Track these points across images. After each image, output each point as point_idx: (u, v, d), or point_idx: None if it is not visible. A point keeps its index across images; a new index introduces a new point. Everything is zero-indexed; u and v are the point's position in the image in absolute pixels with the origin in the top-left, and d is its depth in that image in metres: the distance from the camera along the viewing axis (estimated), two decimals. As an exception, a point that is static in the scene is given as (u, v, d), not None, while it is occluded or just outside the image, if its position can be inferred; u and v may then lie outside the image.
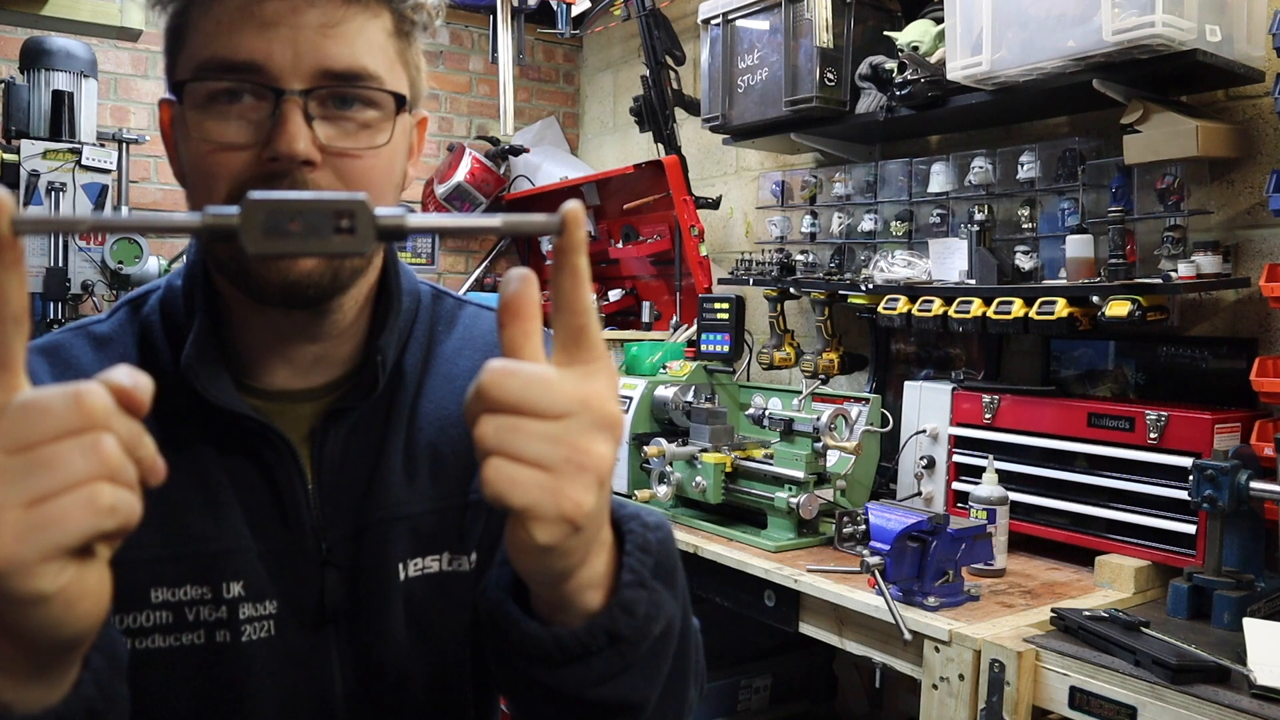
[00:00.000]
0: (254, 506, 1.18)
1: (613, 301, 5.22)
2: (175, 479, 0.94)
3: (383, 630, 1.22)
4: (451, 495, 1.27)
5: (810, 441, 2.95)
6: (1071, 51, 2.70)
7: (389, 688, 1.23)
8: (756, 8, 3.78)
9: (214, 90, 1.09)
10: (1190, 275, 2.69)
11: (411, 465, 1.26)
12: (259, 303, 1.15)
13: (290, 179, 1.07)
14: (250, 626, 1.15)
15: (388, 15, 1.15)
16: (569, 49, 6.38)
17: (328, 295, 1.14)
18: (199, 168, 1.11)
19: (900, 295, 3.29)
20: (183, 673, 1.13)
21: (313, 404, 1.23)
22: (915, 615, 2.36)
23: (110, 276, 4.17)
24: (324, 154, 1.10)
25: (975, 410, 3.06)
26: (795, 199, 3.97)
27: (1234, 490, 2.26)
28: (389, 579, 1.22)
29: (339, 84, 1.10)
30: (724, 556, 2.93)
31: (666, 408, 3.58)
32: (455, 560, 1.27)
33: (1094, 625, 2.14)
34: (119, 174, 4.69)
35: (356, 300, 1.22)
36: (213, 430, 1.17)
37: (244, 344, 1.20)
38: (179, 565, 1.13)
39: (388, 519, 1.23)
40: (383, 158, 1.15)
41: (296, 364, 1.22)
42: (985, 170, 3.19)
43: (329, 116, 1.11)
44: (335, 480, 1.22)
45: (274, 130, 1.07)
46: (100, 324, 1.26)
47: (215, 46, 1.08)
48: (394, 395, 1.27)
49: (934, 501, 3.17)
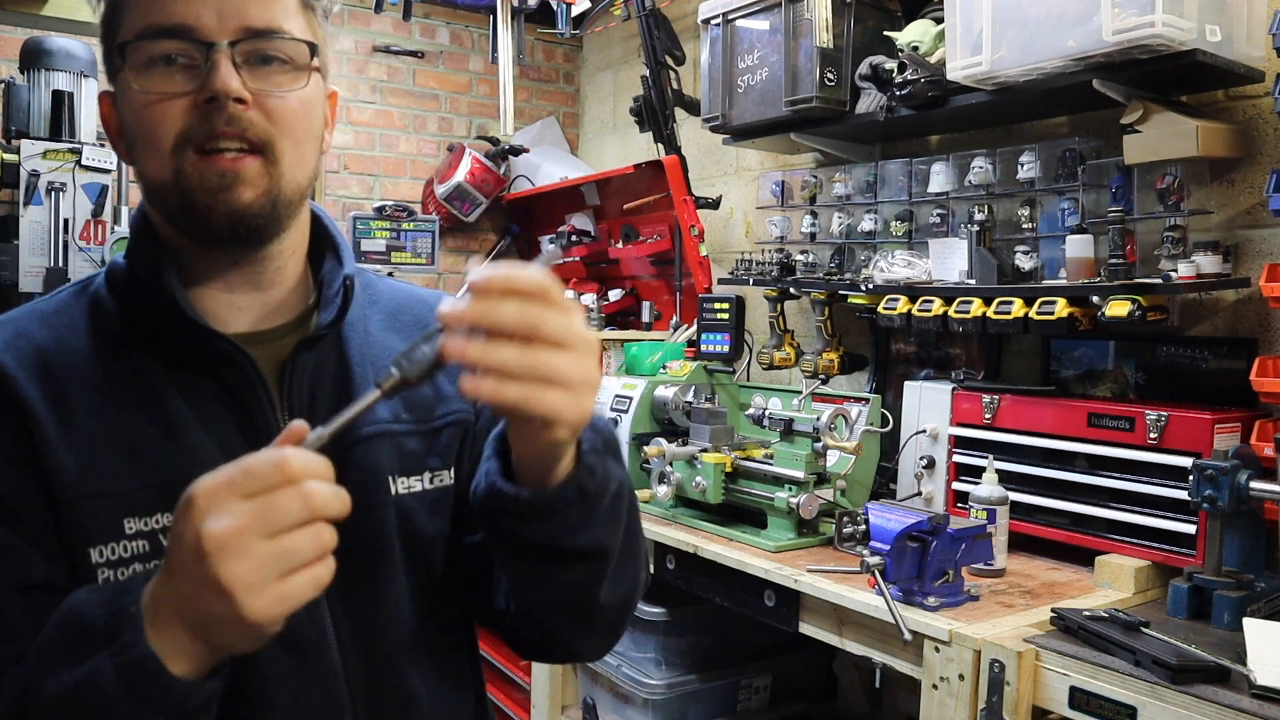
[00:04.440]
0: (223, 433, 1.29)
1: (613, 301, 5.22)
2: (137, 416, 1.25)
3: (374, 542, 1.35)
4: (423, 420, 1.44)
5: (810, 441, 2.94)
6: (1071, 51, 2.70)
7: (380, 600, 1.35)
8: (756, 8, 3.78)
9: (153, 54, 1.23)
10: (1190, 275, 2.69)
11: None
12: (208, 245, 1.31)
13: (225, 115, 1.22)
14: None
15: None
16: (569, 49, 6.39)
17: (267, 229, 1.31)
18: (144, 122, 1.25)
19: (900, 295, 3.29)
20: None
21: (268, 345, 1.37)
22: (915, 615, 2.35)
23: (110, 276, 4.17)
24: (255, 97, 1.25)
25: (975, 410, 3.06)
26: (795, 199, 3.97)
27: (1234, 490, 2.26)
28: (380, 490, 1.37)
29: (260, 38, 1.26)
30: (724, 556, 2.93)
31: (666, 408, 3.58)
32: (436, 476, 1.43)
33: (1094, 625, 2.14)
34: (119, 174, 4.69)
35: (294, 249, 1.41)
36: (174, 366, 1.30)
37: (196, 292, 1.34)
38: (148, 494, 1.23)
39: (371, 435, 1.38)
40: (304, 100, 1.31)
41: (245, 310, 1.37)
42: (985, 170, 3.19)
43: (254, 70, 1.26)
44: (307, 405, 1.35)
45: (208, 76, 1.22)
46: (46, 302, 1.38)
47: (150, 16, 1.23)
48: (346, 335, 1.43)
49: (934, 501, 3.17)
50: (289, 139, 1.29)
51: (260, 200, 1.27)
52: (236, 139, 1.24)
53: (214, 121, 1.22)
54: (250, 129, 1.25)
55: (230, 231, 1.27)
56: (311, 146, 1.35)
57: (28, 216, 4.02)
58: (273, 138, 1.27)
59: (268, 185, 1.27)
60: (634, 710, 3.50)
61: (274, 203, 1.28)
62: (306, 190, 1.37)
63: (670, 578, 3.20)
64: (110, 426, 1.24)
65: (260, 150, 1.26)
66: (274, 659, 1.25)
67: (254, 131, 1.25)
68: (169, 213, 1.30)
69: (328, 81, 1.42)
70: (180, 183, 1.24)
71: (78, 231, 4.10)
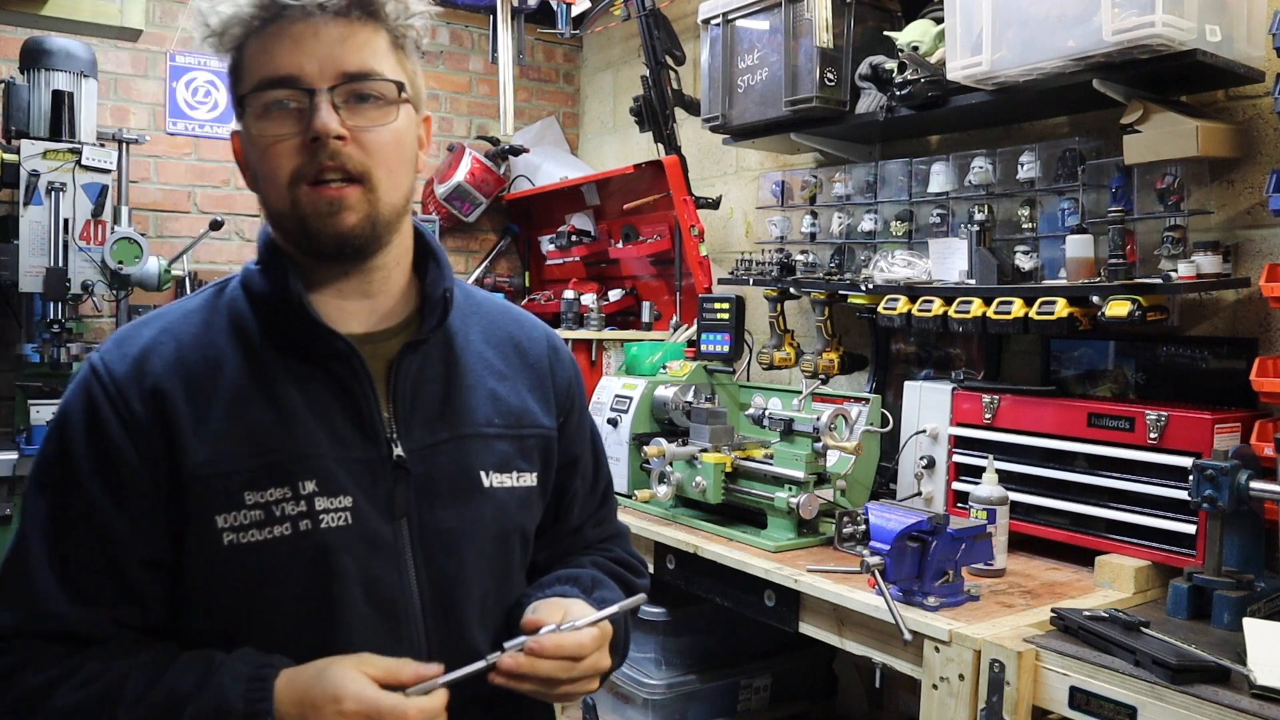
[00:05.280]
0: (333, 422, 1.53)
1: (613, 301, 5.22)
2: (259, 406, 1.50)
3: (462, 524, 1.60)
4: (512, 428, 1.69)
5: (810, 441, 2.94)
6: (1071, 51, 2.70)
7: (461, 571, 1.59)
8: (756, 8, 3.78)
9: (267, 102, 1.47)
10: (1190, 275, 2.69)
11: (477, 399, 1.67)
12: (320, 259, 1.54)
13: (328, 151, 1.45)
14: (327, 516, 1.48)
15: (385, 32, 1.53)
16: (569, 49, 6.38)
17: (370, 245, 1.54)
18: (264, 160, 1.49)
19: (900, 295, 3.29)
20: (278, 557, 1.46)
21: (376, 346, 1.60)
22: (915, 615, 2.36)
23: (110, 276, 4.17)
24: (352, 134, 1.47)
25: (975, 410, 3.06)
26: (795, 199, 3.97)
27: (1234, 490, 2.26)
28: (476, 484, 1.62)
29: (354, 81, 1.48)
30: (724, 556, 2.93)
31: (666, 408, 3.58)
32: (523, 476, 1.69)
33: (1094, 625, 2.14)
34: (119, 174, 4.69)
35: (398, 262, 1.64)
36: (295, 361, 1.54)
37: (316, 300, 1.57)
38: (263, 473, 1.47)
39: (467, 435, 1.63)
40: (394, 133, 1.53)
41: (355, 315, 1.61)
42: (985, 170, 3.19)
43: (351, 108, 1.49)
44: (410, 402, 1.60)
45: (311, 118, 1.45)
46: (191, 300, 1.64)
47: (264, 70, 1.47)
48: (449, 343, 1.68)
49: (934, 501, 3.17)
50: (383, 168, 1.51)
51: (362, 222, 1.50)
52: (338, 171, 1.47)
53: (319, 158, 1.46)
54: (349, 162, 1.47)
55: (337, 250, 1.52)
56: (405, 171, 1.57)
57: (28, 216, 4.01)
58: (369, 168, 1.49)
59: (368, 209, 1.50)
60: (634, 710, 3.50)
61: (373, 224, 1.52)
62: (403, 210, 1.59)
63: (670, 578, 3.20)
64: (236, 417, 1.49)
65: (359, 179, 1.48)
66: (363, 615, 1.50)
67: (352, 164, 1.48)
68: (288, 235, 1.55)
69: (421, 109, 1.63)
70: (296, 211, 1.49)
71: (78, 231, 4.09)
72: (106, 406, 1.47)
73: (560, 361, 1.84)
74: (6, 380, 4.55)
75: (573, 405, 1.84)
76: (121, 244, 4.15)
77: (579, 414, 1.86)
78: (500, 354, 1.75)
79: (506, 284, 6.07)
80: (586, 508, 1.89)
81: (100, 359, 1.53)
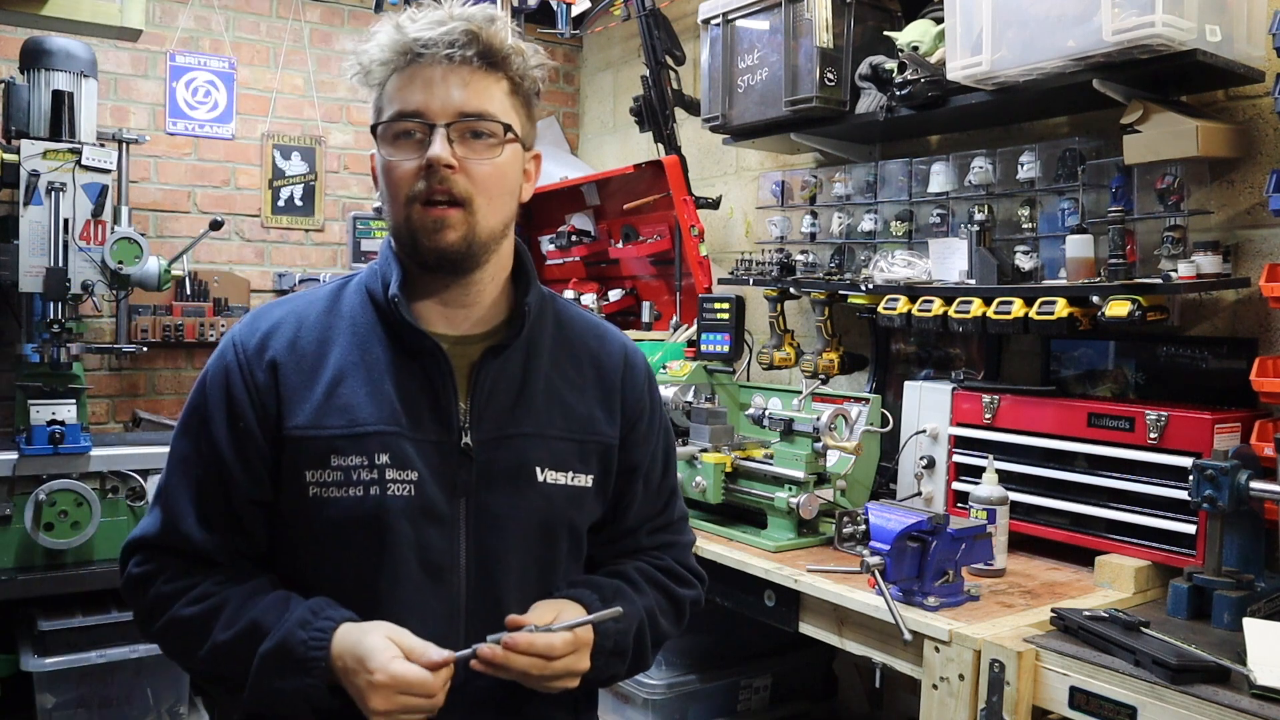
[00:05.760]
0: (416, 407, 1.77)
1: (613, 301, 5.21)
2: (355, 385, 1.75)
3: (513, 510, 1.79)
4: (574, 433, 1.87)
5: (810, 442, 2.95)
6: (1071, 51, 2.70)
7: (505, 550, 1.79)
8: (756, 8, 3.78)
9: (396, 131, 1.74)
10: (1190, 275, 2.69)
11: (548, 404, 1.85)
12: (425, 269, 1.78)
13: (439, 176, 1.69)
14: (394, 486, 1.72)
15: (506, 80, 1.77)
16: (569, 49, 6.38)
17: (466, 261, 1.76)
18: (389, 181, 1.74)
19: (900, 295, 3.29)
20: (350, 514, 1.71)
21: (466, 347, 1.82)
22: (915, 615, 2.36)
23: (110, 276, 4.16)
24: (460, 164, 1.70)
25: (975, 410, 3.06)
26: (795, 199, 3.97)
27: (1234, 490, 2.27)
28: (529, 477, 1.81)
29: (468, 119, 1.72)
30: (724, 556, 2.93)
31: (666, 408, 3.57)
32: (577, 477, 1.86)
33: (1094, 625, 2.15)
34: (119, 174, 4.69)
35: (495, 279, 1.86)
36: (395, 352, 1.79)
37: (419, 304, 1.82)
38: (349, 442, 1.72)
39: (529, 434, 1.82)
40: (498, 166, 1.75)
41: (453, 321, 1.84)
42: (985, 170, 3.19)
43: (465, 143, 1.72)
44: (485, 399, 1.80)
45: (429, 147, 1.69)
46: (324, 288, 1.91)
47: (396, 104, 1.73)
48: (531, 353, 1.87)
49: (934, 501, 3.17)
50: (484, 195, 1.73)
51: (460, 241, 1.73)
52: (446, 194, 1.70)
53: (431, 181, 1.70)
54: (455, 187, 1.70)
55: (438, 262, 1.75)
56: (504, 201, 1.79)
57: (28, 216, 4.00)
58: (472, 194, 1.72)
59: (466, 230, 1.72)
60: (634, 710, 3.50)
61: (470, 243, 1.74)
62: (501, 234, 1.80)
63: (670, 578, 3.19)
64: (334, 392, 1.75)
65: (463, 204, 1.71)
66: (412, 573, 1.73)
67: (458, 189, 1.70)
68: (401, 246, 1.80)
69: (531, 148, 1.88)
70: (409, 225, 1.73)
71: (77, 231, 4.08)
72: (237, 373, 1.77)
73: (634, 377, 2.00)
74: (6, 380, 4.54)
75: (640, 417, 2.00)
76: (121, 244, 4.14)
77: (647, 425, 2.01)
78: (576, 366, 1.93)
79: (506, 284, 6.05)
80: (644, 512, 2.03)
81: (238, 331, 1.84)
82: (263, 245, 5.45)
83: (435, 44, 1.71)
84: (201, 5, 5.23)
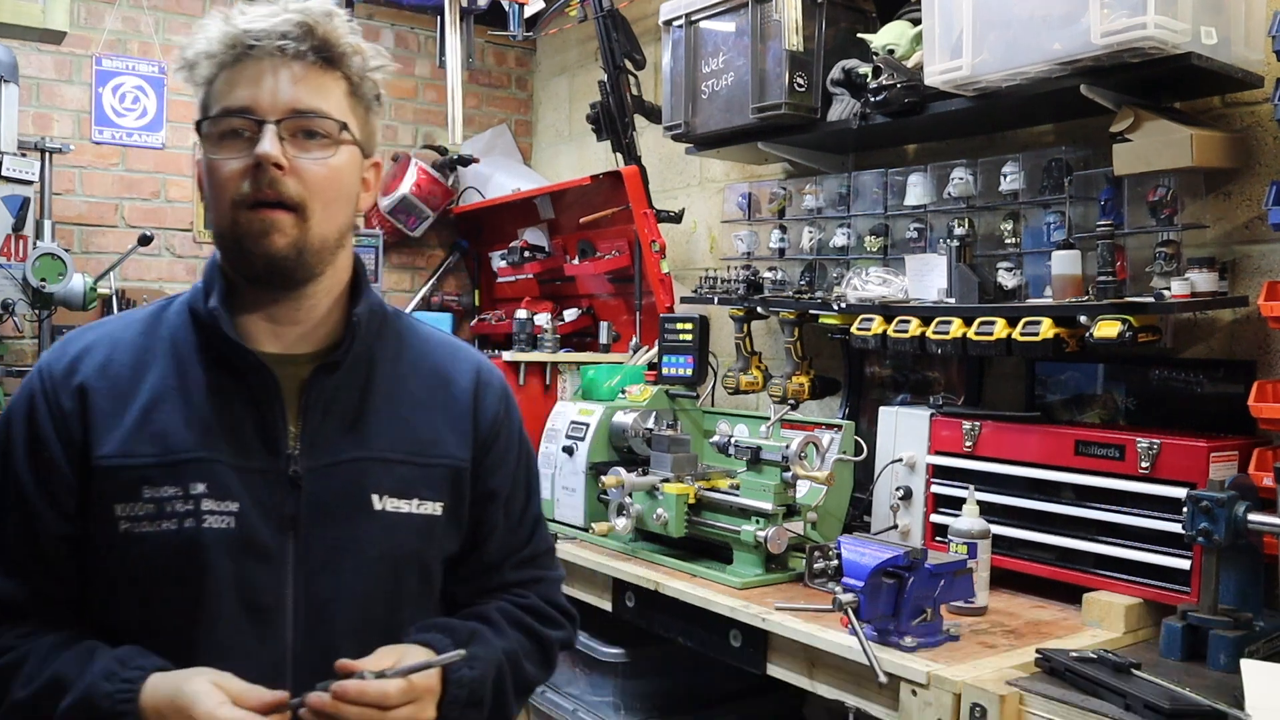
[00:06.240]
0: (241, 432, 1.72)
1: (568, 322, 5.19)
2: (172, 413, 1.70)
3: (345, 543, 1.74)
4: (418, 455, 1.83)
5: (779, 471, 2.93)
6: (1058, 55, 2.70)
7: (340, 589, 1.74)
8: (721, 8, 3.78)
9: (222, 129, 1.69)
10: (1184, 294, 2.68)
11: (388, 425, 1.82)
12: (253, 281, 1.74)
13: (267, 177, 1.64)
14: (212, 518, 1.66)
15: (344, 80, 1.75)
16: (521, 52, 6.39)
17: (298, 271, 1.71)
18: (213, 183, 1.70)
19: (875, 315, 3.28)
20: (163, 550, 1.65)
21: (295, 366, 1.77)
22: (891, 656, 2.34)
23: (32, 295, 4.13)
24: (291, 164, 1.66)
25: (955, 438, 3.05)
26: (763, 212, 3.97)
27: (1231, 523, 2.26)
28: (365, 506, 1.76)
29: (300, 116, 1.69)
30: (687, 594, 2.91)
31: (626, 435, 3.56)
32: (424, 504, 1.82)
33: (1081, 667, 2.13)
34: (41, 185, 4.64)
35: (329, 293, 1.81)
36: (217, 373, 1.74)
37: (246, 319, 1.78)
38: (162, 471, 1.67)
39: (366, 458, 1.78)
40: (333, 168, 1.72)
41: (282, 338, 1.79)
42: (965, 181, 3.19)
43: (296, 142, 1.69)
44: (318, 421, 1.76)
45: (257, 144, 1.65)
46: (138, 312, 1.86)
47: (224, 100, 1.69)
48: (370, 370, 1.85)
49: (911, 535, 3.16)
50: (318, 200, 1.69)
51: (290, 247, 1.68)
52: (275, 197, 1.65)
53: (260, 183, 1.65)
54: (285, 189, 1.66)
55: (267, 270, 1.70)
56: (340, 207, 1.76)
57: (-56, 230, 3.98)
58: (304, 198, 1.68)
59: (297, 236, 1.68)
60: (589, 760, 3.47)
61: (301, 251, 1.69)
62: (334, 243, 1.76)
63: (630, 616, 3.17)
64: (148, 418, 1.70)
65: (294, 208, 1.67)
66: (232, 614, 1.67)
67: (288, 192, 1.66)
68: (227, 255, 1.76)
69: (371, 154, 1.86)
70: (235, 230, 1.68)
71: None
72: (41, 400, 1.72)
73: (487, 395, 1.97)
74: (-87, 404, 4.49)
75: (496, 438, 1.96)
76: (44, 260, 4.10)
77: (504, 449, 1.98)
78: (424, 385, 1.91)
79: (455, 303, 6.05)
80: (506, 544, 2.00)
81: (45, 358, 1.79)
82: (195, 261, 5.41)
83: (267, 36, 1.68)
84: (129, 6, 5.20)
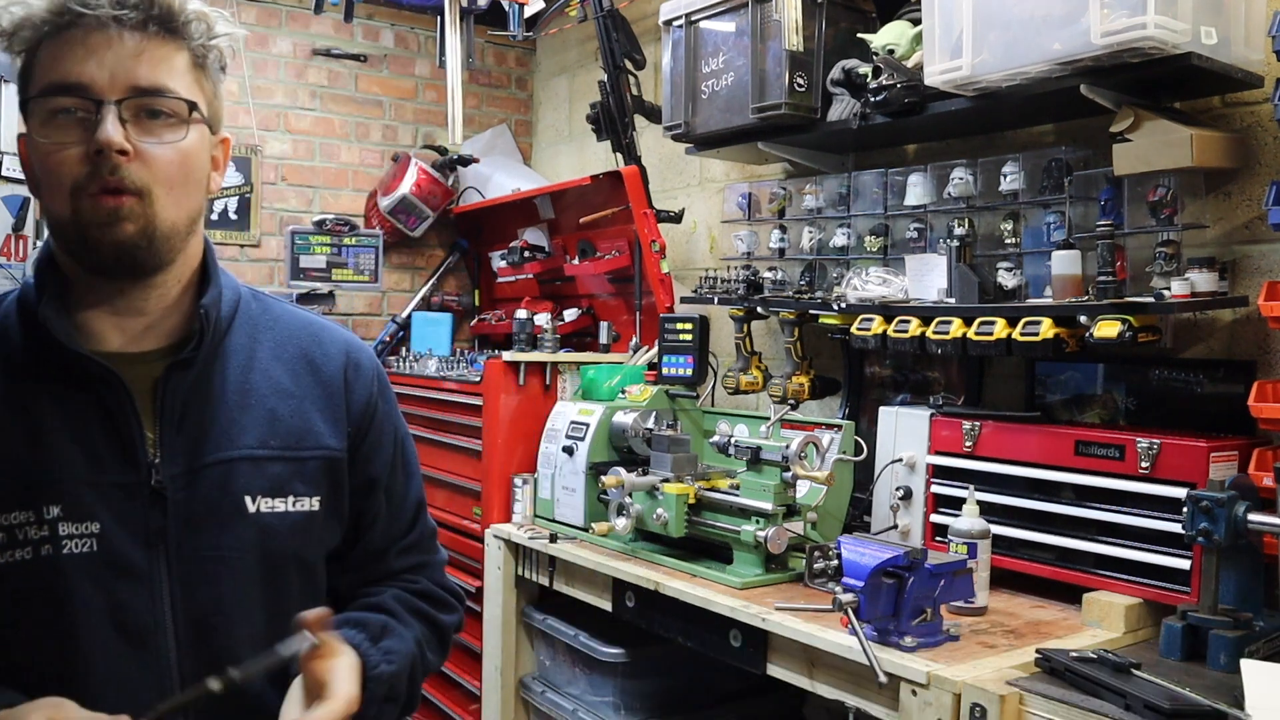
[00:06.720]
0: (93, 445, 1.59)
1: (568, 322, 5.18)
2: (11, 430, 1.55)
3: (222, 551, 1.65)
4: (290, 449, 1.74)
5: (779, 471, 2.93)
6: (1057, 55, 2.70)
7: (222, 601, 1.65)
8: (721, 8, 3.77)
9: (53, 109, 1.54)
10: (1184, 294, 2.68)
11: (251, 420, 1.71)
12: (98, 272, 1.60)
13: (110, 165, 1.51)
14: (70, 542, 1.54)
15: (186, 50, 1.61)
16: (521, 52, 6.38)
17: (148, 260, 1.59)
18: (47, 168, 1.55)
19: (875, 315, 3.28)
20: (17, 582, 1.53)
21: (146, 365, 1.65)
22: (891, 656, 2.34)
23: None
24: (136, 149, 1.54)
25: (955, 438, 3.05)
26: (763, 212, 3.96)
27: (1231, 523, 2.26)
28: (238, 510, 1.66)
29: (144, 96, 1.55)
30: (686, 594, 2.90)
31: (626, 435, 3.56)
32: (300, 501, 1.73)
33: (1081, 667, 2.13)
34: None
35: (179, 280, 1.69)
36: (57, 382, 1.60)
37: (87, 315, 1.64)
38: (6, 496, 1.53)
39: (234, 458, 1.67)
40: (181, 152, 1.60)
41: (129, 333, 1.66)
42: (965, 181, 3.19)
43: (140, 123, 1.56)
44: (176, 425, 1.65)
45: (96, 129, 1.51)
46: None
47: (52, 75, 1.53)
48: (227, 362, 1.74)
49: (911, 535, 3.16)
50: (165, 185, 1.57)
51: (138, 234, 1.55)
52: (118, 185, 1.53)
53: (101, 170, 1.51)
54: (130, 177, 1.53)
55: (115, 260, 1.57)
56: (190, 191, 1.63)
57: (-58, 229, 3.98)
58: (149, 184, 1.55)
59: (145, 223, 1.55)
60: (588, 762, 3.47)
61: (149, 238, 1.57)
62: (185, 229, 1.64)
63: (630, 616, 3.17)
64: None
65: (139, 194, 1.54)
66: (108, 642, 1.56)
67: (134, 180, 1.53)
68: (68, 245, 1.61)
69: (218, 130, 1.72)
70: (76, 219, 1.54)
71: (-3, 247, 4.06)
72: None
73: (359, 379, 1.88)
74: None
75: (371, 424, 1.88)
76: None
77: (379, 433, 1.91)
78: (289, 371, 1.80)
79: (455, 303, 6.04)
80: (390, 531, 1.94)
81: None
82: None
83: (99, 4, 1.52)
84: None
